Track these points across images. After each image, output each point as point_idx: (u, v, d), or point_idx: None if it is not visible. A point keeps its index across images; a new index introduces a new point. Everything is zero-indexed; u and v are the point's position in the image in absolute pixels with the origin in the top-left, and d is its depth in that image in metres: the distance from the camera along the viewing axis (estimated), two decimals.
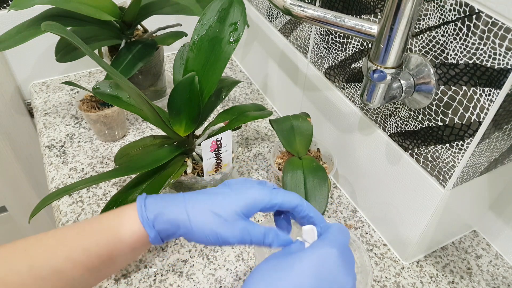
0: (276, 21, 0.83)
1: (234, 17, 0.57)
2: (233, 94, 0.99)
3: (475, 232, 0.72)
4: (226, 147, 0.57)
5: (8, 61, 0.92)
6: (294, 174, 0.61)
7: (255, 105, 0.70)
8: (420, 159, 0.56)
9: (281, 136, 0.66)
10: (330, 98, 0.72)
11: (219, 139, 0.56)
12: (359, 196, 0.74)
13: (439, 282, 0.65)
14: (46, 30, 0.39)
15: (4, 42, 0.70)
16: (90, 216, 0.71)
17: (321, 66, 0.72)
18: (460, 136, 0.49)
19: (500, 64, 0.42)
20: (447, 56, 0.47)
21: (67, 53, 0.78)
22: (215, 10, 0.58)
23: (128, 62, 0.75)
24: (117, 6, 0.75)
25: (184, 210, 0.40)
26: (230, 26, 0.57)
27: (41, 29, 0.40)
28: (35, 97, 0.95)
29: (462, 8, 0.44)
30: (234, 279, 0.63)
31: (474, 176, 0.55)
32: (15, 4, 0.68)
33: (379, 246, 0.69)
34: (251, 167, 0.81)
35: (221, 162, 0.59)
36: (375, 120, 0.63)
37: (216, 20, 0.58)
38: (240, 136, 0.88)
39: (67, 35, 0.41)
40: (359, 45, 0.61)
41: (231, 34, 0.57)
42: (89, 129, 0.87)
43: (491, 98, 0.44)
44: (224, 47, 0.57)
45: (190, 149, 0.62)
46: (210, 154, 0.56)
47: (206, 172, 0.59)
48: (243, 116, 0.65)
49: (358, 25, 0.47)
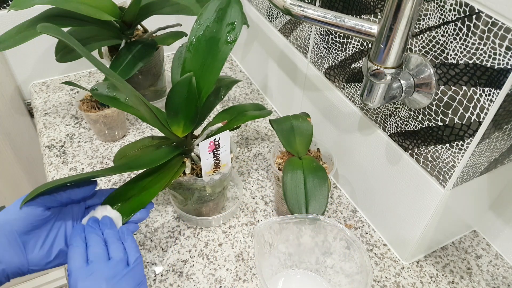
0: (276, 21, 0.83)
1: (231, 17, 0.57)
2: (233, 94, 0.99)
3: (475, 232, 0.72)
4: (225, 147, 0.57)
5: (8, 61, 0.92)
6: (294, 174, 0.61)
7: (254, 104, 0.70)
8: (420, 159, 0.57)
9: (281, 136, 0.66)
10: (330, 98, 0.72)
11: (217, 140, 0.55)
12: (359, 196, 0.74)
13: (439, 282, 0.65)
14: (42, 32, 0.39)
15: (4, 42, 0.70)
16: None
17: (321, 66, 0.72)
18: (460, 136, 0.49)
19: (500, 64, 0.42)
20: (447, 56, 0.47)
21: (67, 53, 0.78)
22: (213, 10, 0.58)
23: (128, 62, 0.75)
24: (117, 6, 0.75)
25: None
26: (227, 26, 0.57)
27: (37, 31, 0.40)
28: (35, 97, 0.95)
29: (462, 8, 0.44)
30: (234, 279, 0.63)
31: (474, 176, 0.55)
32: (15, 4, 0.68)
33: (379, 246, 0.69)
34: (251, 167, 0.81)
35: (219, 162, 0.59)
36: (375, 120, 0.63)
37: (213, 20, 0.58)
38: (240, 136, 0.88)
39: (63, 36, 0.41)
40: (359, 45, 0.61)
41: (229, 34, 0.57)
42: (89, 129, 0.87)
43: (491, 98, 0.44)
44: (222, 47, 0.57)
45: (188, 150, 0.62)
46: (208, 154, 0.56)
47: (205, 172, 0.59)
48: (241, 116, 0.65)
49: (358, 25, 0.47)
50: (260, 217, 0.72)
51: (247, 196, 0.76)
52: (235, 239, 0.69)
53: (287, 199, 0.59)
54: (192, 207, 0.67)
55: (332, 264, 0.60)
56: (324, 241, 0.59)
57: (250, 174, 0.80)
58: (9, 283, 1.32)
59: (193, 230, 0.70)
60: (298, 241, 0.61)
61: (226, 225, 0.71)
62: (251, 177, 0.79)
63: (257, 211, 0.73)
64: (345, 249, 0.57)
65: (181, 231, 0.70)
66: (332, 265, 0.61)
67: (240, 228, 0.70)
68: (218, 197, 0.67)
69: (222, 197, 0.69)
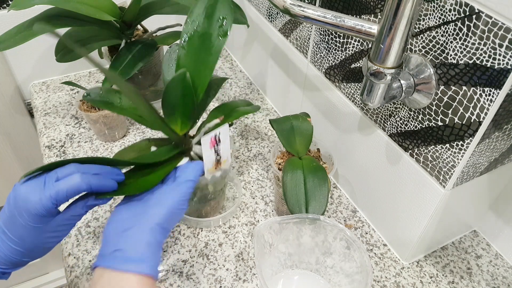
0: (276, 21, 0.83)
1: (221, 12, 0.58)
2: (233, 94, 0.99)
3: (475, 232, 0.72)
4: (225, 142, 0.57)
5: (8, 61, 0.92)
6: (294, 174, 0.61)
7: (244, 100, 0.70)
8: (420, 159, 0.57)
9: (281, 136, 0.66)
10: (330, 98, 0.72)
11: (218, 135, 0.56)
12: (359, 196, 0.74)
13: (439, 282, 0.65)
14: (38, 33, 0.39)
15: (4, 42, 0.70)
16: (89, 216, 0.71)
17: (321, 66, 0.72)
18: (460, 136, 0.49)
19: (500, 64, 0.42)
20: (447, 56, 0.47)
21: (67, 53, 0.78)
22: (202, 6, 0.59)
23: (128, 62, 0.75)
24: (117, 6, 0.75)
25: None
26: (218, 21, 0.58)
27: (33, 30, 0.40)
28: (35, 97, 0.95)
29: (462, 8, 0.44)
30: (234, 279, 0.63)
31: (474, 176, 0.55)
32: (15, 4, 0.68)
33: (379, 246, 0.69)
34: (251, 167, 0.81)
35: (220, 158, 0.59)
36: (375, 120, 0.63)
37: (204, 17, 0.58)
38: (240, 136, 0.88)
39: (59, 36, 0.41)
40: (359, 45, 0.61)
41: (220, 29, 0.58)
42: (89, 129, 0.87)
43: (491, 98, 0.44)
44: (214, 42, 0.58)
45: (187, 149, 0.62)
46: (210, 150, 0.56)
47: (207, 170, 0.58)
48: (234, 112, 0.65)
49: (358, 25, 0.47)
50: (260, 217, 0.72)
51: (247, 196, 0.76)
52: (235, 239, 0.69)
53: (287, 199, 0.59)
54: (193, 208, 0.67)
55: (332, 264, 0.60)
56: (324, 241, 0.59)
57: (250, 174, 0.80)
58: (9, 283, 1.32)
59: (193, 230, 0.70)
60: (298, 241, 0.61)
61: (226, 225, 0.71)
62: (251, 177, 0.79)
63: (257, 211, 0.73)
64: (345, 249, 0.57)
65: (181, 231, 0.70)
66: (332, 265, 0.61)
67: (240, 228, 0.70)
68: (219, 195, 0.67)
69: (223, 195, 0.69)
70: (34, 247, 0.46)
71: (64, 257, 0.66)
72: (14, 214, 0.44)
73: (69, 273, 0.64)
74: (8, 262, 0.46)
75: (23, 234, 0.45)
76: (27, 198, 0.43)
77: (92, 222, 0.70)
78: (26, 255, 0.47)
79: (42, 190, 0.43)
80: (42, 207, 0.43)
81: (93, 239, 0.67)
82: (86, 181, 0.44)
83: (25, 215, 0.43)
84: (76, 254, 0.65)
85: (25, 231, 0.44)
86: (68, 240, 0.67)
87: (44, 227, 0.45)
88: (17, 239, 0.45)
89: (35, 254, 0.47)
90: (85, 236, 0.68)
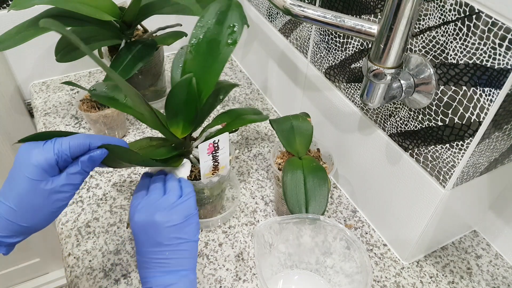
0: (276, 21, 0.83)
1: (232, 20, 0.58)
2: (233, 94, 0.99)
3: (475, 232, 0.72)
4: (224, 150, 0.57)
5: (8, 61, 0.92)
6: (294, 174, 0.61)
7: (252, 109, 0.70)
8: (420, 159, 0.57)
9: (281, 136, 0.66)
10: (330, 98, 0.72)
11: (216, 142, 0.56)
12: (359, 196, 0.74)
13: (439, 282, 0.65)
14: (45, 27, 0.39)
15: (4, 42, 0.70)
16: (89, 216, 0.71)
17: (321, 66, 0.72)
18: (460, 136, 0.49)
19: (500, 64, 0.42)
20: (447, 56, 0.47)
21: (67, 53, 0.78)
22: (213, 12, 0.58)
23: (128, 62, 0.75)
24: (117, 6, 0.75)
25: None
26: (228, 28, 0.57)
27: (40, 25, 0.40)
28: (35, 97, 0.95)
29: (462, 8, 0.44)
30: (234, 279, 0.63)
31: (474, 176, 0.55)
32: (15, 4, 0.68)
33: (379, 246, 0.69)
34: (251, 167, 0.81)
35: (218, 164, 0.59)
36: (375, 120, 0.63)
37: (214, 23, 0.58)
38: (240, 136, 0.88)
39: (66, 33, 0.41)
40: (359, 45, 0.61)
41: (229, 36, 0.57)
42: (89, 129, 0.87)
43: (491, 98, 0.44)
44: (222, 49, 0.57)
45: (187, 151, 0.62)
46: (207, 156, 0.56)
47: (203, 174, 0.59)
48: (239, 120, 0.65)
49: (358, 25, 0.47)
50: (260, 217, 0.72)
51: (247, 196, 0.76)
52: (235, 239, 0.69)
53: (287, 199, 0.59)
54: None
55: (332, 264, 0.60)
56: (324, 241, 0.59)
57: (250, 174, 0.80)
58: (9, 283, 1.32)
59: None
60: (298, 241, 0.61)
61: (226, 225, 0.71)
62: (251, 177, 0.79)
63: (257, 211, 0.73)
64: (345, 249, 0.57)
65: None
66: (332, 265, 0.61)
67: (240, 228, 0.70)
68: (216, 200, 0.67)
69: (220, 200, 0.69)
70: (33, 209, 0.44)
71: (64, 257, 0.66)
72: (13, 176, 0.43)
73: (69, 273, 0.64)
74: (5, 229, 0.44)
75: (22, 192, 0.43)
76: (30, 151, 0.43)
77: (92, 222, 0.70)
78: (24, 218, 0.44)
79: (45, 142, 0.44)
80: (44, 160, 0.43)
81: (93, 239, 0.67)
82: (89, 138, 0.45)
83: (26, 169, 0.42)
84: (76, 254, 0.65)
85: (25, 185, 0.43)
86: (68, 240, 0.67)
87: (45, 185, 0.43)
88: (16, 198, 0.43)
89: (36, 221, 0.45)
90: (85, 236, 0.68)
